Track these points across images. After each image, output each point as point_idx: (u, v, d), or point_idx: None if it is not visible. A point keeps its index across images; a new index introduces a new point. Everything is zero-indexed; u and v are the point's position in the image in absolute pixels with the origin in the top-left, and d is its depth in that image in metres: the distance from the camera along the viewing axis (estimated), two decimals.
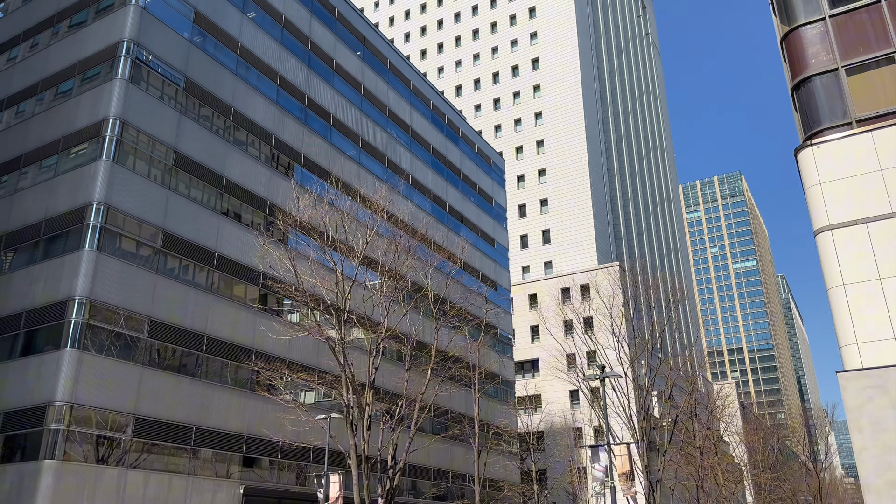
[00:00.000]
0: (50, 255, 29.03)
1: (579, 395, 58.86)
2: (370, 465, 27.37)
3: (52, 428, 25.44)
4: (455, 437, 45.18)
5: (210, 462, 30.81)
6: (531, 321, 69.62)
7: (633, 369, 36.92)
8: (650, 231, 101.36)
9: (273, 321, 34.31)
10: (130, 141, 30.08)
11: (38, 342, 27.92)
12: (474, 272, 53.55)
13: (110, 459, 26.83)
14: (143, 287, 29.16)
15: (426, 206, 50.09)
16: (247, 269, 33.99)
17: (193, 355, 30.95)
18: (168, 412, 29.07)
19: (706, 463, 40.40)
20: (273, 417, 32.39)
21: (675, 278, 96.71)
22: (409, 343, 30.19)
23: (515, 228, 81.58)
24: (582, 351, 40.10)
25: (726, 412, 51.17)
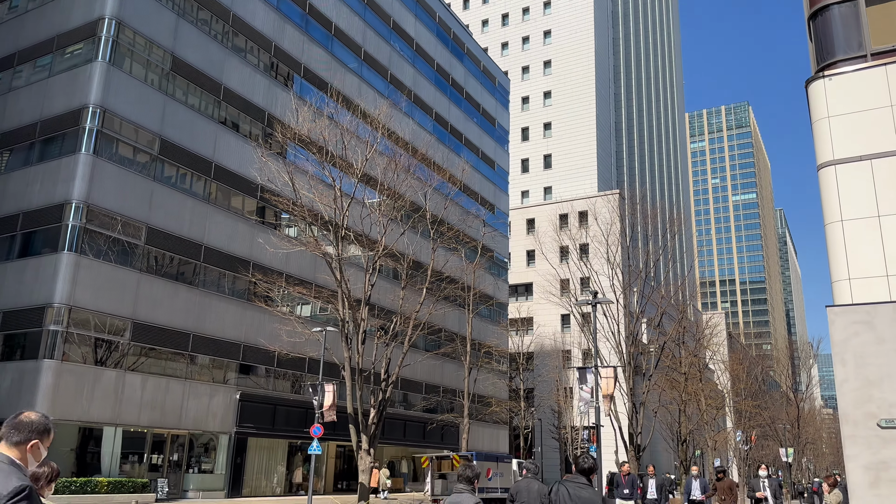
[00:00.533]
0: (46, 157, 28.75)
1: (570, 319, 59.82)
2: (364, 378, 28.08)
3: (51, 329, 25.89)
4: (447, 355, 46.19)
5: (207, 368, 31.55)
6: (528, 245, 69.95)
7: (625, 296, 37.36)
8: (653, 159, 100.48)
9: (271, 234, 34.38)
10: (127, 42, 29.26)
11: (35, 244, 28.03)
12: (473, 194, 53.35)
13: (108, 362, 27.45)
14: (140, 194, 29.05)
15: (428, 124, 49.34)
16: (245, 180, 33.77)
17: (191, 264, 31.17)
18: (166, 318, 29.54)
19: (690, 388, 41.47)
20: (269, 328, 32.96)
21: (675, 208, 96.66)
22: (406, 262, 30.39)
23: (517, 152, 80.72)
24: (576, 276, 40.41)
25: (714, 341, 52.15)
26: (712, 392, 51.32)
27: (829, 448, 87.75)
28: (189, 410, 30.16)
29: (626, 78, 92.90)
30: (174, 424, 29.62)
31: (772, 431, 62.79)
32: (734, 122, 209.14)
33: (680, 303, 44.79)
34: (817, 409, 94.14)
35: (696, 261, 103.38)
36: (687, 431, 42.58)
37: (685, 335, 43.52)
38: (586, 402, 23.81)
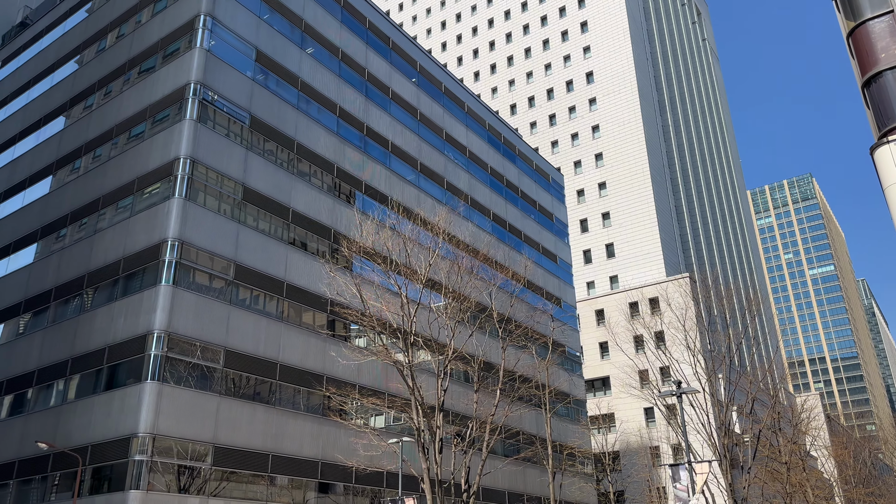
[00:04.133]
0: (129, 292, 30.28)
1: (654, 412, 57.22)
2: (444, 489, 27.23)
3: (136, 459, 26.33)
4: (528, 459, 44.52)
5: (287, 489, 31.25)
6: (599, 337, 68.34)
7: (710, 384, 35.69)
8: (720, 240, 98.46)
9: (342, 346, 34.75)
10: (201, 178, 31.24)
11: (120, 376, 29.05)
12: (538, 290, 53.06)
13: (192, 488, 27.54)
14: (217, 318, 30.05)
15: (486, 225, 50.09)
16: (315, 296, 34.62)
17: (267, 383, 31.61)
18: (245, 440, 29.70)
19: (793, 479, 38.52)
20: (346, 442, 32.67)
21: (750, 288, 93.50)
22: (477, 364, 30.06)
23: (578, 244, 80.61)
24: (655, 366, 39.06)
25: (812, 425, 48.81)
26: (818, 481, 47.48)
27: None
28: None
29: (681, 161, 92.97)
30: None
31: None
32: (799, 195, 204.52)
33: (770, 387, 42.42)
34: None
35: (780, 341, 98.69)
36: None
37: (780, 421, 40.90)
38: (682, 502, 22.35)
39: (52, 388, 31.79)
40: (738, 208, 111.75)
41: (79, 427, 29.06)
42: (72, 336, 31.76)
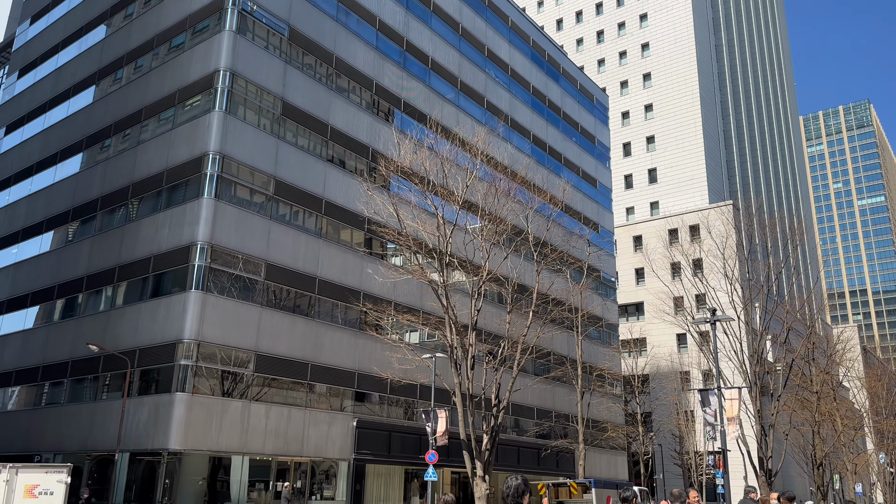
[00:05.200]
0: (172, 203, 30.93)
1: (687, 338, 57.41)
2: (475, 403, 28.07)
3: (182, 364, 27.60)
4: (557, 379, 45.43)
5: (325, 396, 32.60)
6: (635, 263, 68.04)
7: (746, 312, 35.50)
8: (767, 167, 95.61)
9: (379, 265, 35.30)
10: (240, 91, 31.19)
11: (165, 284, 30.10)
12: (576, 214, 52.62)
13: (235, 393, 28.91)
14: (258, 232, 30.67)
15: (526, 147, 49.33)
16: (352, 214, 34.96)
17: (306, 296, 32.46)
18: (285, 349, 30.84)
19: (823, 408, 38.68)
20: (381, 356, 33.69)
21: (795, 217, 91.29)
22: (511, 286, 30.29)
23: (619, 168, 79.11)
24: (690, 293, 38.94)
25: (847, 357, 48.46)
26: (848, 412, 47.59)
27: None
28: (310, 438, 31.18)
29: (733, 84, 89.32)
30: (297, 452, 30.69)
31: None
32: (854, 123, 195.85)
33: (807, 317, 42.03)
34: None
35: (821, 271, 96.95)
36: (822, 455, 39.64)
37: (815, 352, 40.72)
38: (711, 426, 22.69)
39: (101, 293, 33.16)
40: (788, 134, 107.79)
41: (127, 332, 30.45)
42: (118, 245, 32.81)
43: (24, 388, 35.80)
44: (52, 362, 34.17)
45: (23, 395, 35.89)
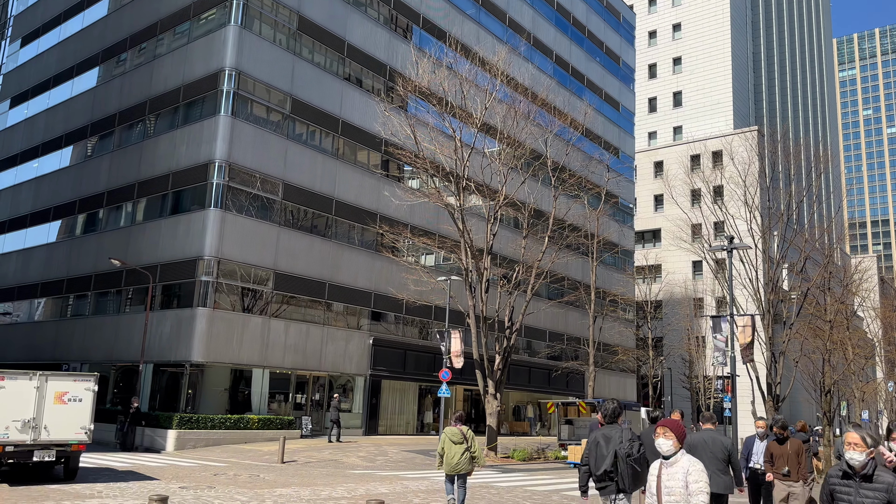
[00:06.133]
0: (190, 120, 30.82)
1: (703, 265, 57.42)
2: (488, 325, 28.55)
3: (203, 279, 28.19)
4: (571, 303, 45.90)
5: (342, 315, 33.32)
6: (655, 190, 67.34)
7: (764, 240, 35.27)
8: (796, 92, 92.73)
9: (395, 187, 35.26)
10: (256, 4, 30.46)
11: (184, 202, 30.38)
12: (597, 139, 51.77)
13: (255, 309, 29.60)
14: (275, 151, 30.61)
15: (548, 68, 48.09)
16: (369, 135, 34.67)
17: (323, 217, 32.68)
18: (303, 268, 31.33)
19: (835, 337, 38.85)
20: (397, 277, 34.14)
21: (821, 144, 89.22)
22: (527, 211, 30.20)
23: (644, 90, 77.13)
24: (709, 221, 38.57)
25: (863, 286, 48.26)
26: (861, 341, 47.84)
27: None
28: (328, 354, 32.09)
29: (765, 3, 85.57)
30: (315, 367, 31.67)
31: None
32: (890, 46, 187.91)
33: (826, 246, 41.69)
34: None
35: (844, 200, 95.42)
36: (831, 382, 40.15)
37: (831, 281, 40.60)
38: (721, 352, 23.00)
39: (122, 209, 33.57)
40: (820, 58, 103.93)
41: (148, 247, 30.99)
42: (137, 161, 32.96)
43: (50, 300, 36.87)
44: (76, 275, 35.03)
45: (48, 306, 36.99)
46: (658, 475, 5.02)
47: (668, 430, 5.05)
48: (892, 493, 4.68)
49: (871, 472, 4.79)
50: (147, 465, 18.84)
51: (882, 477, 4.75)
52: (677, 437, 5.03)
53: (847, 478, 4.89)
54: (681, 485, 4.87)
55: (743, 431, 53.72)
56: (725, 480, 8.73)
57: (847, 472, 4.90)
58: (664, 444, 5.03)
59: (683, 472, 4.90)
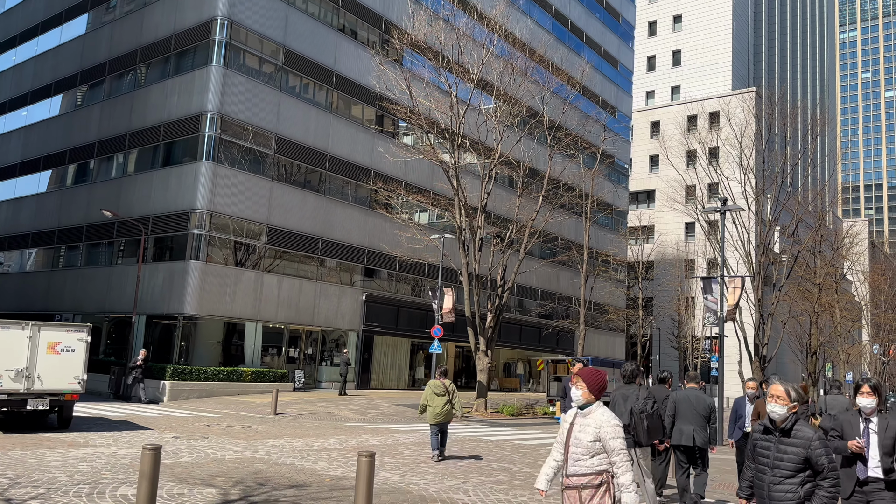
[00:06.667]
0: (181, 70, 30.28)
1: (695, 227, 57.58)
2: (481, 283, 28.67)
3: (195, 233, 28.09)
4: (563, 262, 46.08)
5: (335, 270, 33.38)
6: (651, 150, 67.05)
7: (757, 203, 35.33)
8: (795, 53, 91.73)
9: (390, 143, 34.96)
10: None
11: (176, 154, 30.06)
12: (594, 97, 51.25)
13: (247, 263, 29.59)
14: (268, 104, 30.20)
15: (546, 23, 47.29)
16: (364, 89, 34.20)
17: (317, 172, 32.44)
18: (296, 223, 31.23)
19: (823, 300, 39.33)
20: (390, 234, 34.11)
21: (818, 107, 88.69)
22: (522, 170, 30.05)
23: (643, 48, 76.12)
24: (703, 182, 38.56)
25: (853, 250, 48.67)
26: (848, 304, 48.42)
27: None
28: (321, 309, 32.24)
29: None
30: (308, 321, 31.84)
31: None
32: (892, 8, 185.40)
33: (818, 210, 41.83)
34: None
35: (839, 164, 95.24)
36: (818, 344, 40.75)
37: (822, 244, 40.89)
38: (712, 313, 23.23)
39: (113, 160, 33.21)
40: (822, 18, 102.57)
41: (140, 199, 30.77)
42: (128, 111, 32.48)
43: (41, 251, 36.74)
44: (67, 226, 34.84)
45: (40, 256, 36.87)
46: (571, 424, 4.72)
47: (581, 379, 4.72)
48: (812, 448, 4.44)
49: (790, 427, 4.57)
50: (141, 416, 19.05)
51: (802, 432, 4.51)
52: (589, 387, 4.67)
53: (768, 433, 4.68)
54: (590, 438, 4.55)
55: (729, 391, 54.65)
56: (705, 436, 9.32)
57: (768, 427, 4.69)
58: (575, 394, 4.71)
59: (596, 425, 4.57)
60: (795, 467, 4.47)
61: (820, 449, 4.43)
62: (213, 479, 9.80)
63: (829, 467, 4.41)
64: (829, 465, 4.42)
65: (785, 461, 4.51)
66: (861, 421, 5.87)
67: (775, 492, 4.51)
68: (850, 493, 5.82)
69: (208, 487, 9.13)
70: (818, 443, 4.45)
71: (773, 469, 4.55)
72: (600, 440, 4.55)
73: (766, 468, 4.60)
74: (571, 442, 4.66)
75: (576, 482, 4.58)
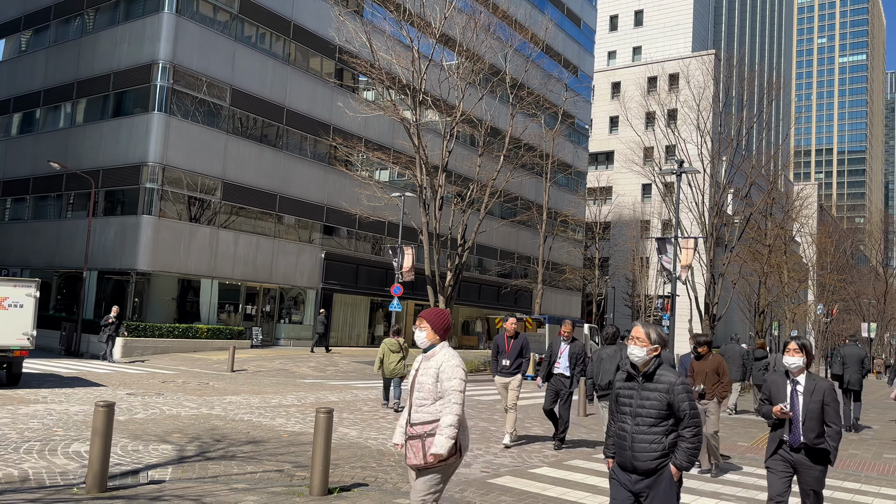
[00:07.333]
0: (131, 16, 29.06)
1: (652, 189, 58.38)
2: (441, 242, 28.70)
3: (147, 186, 27.35)
4: (523, 223, 46.38)
5: (294, 228, 32.98)
6: (611, 111, 67.32)
7: (713, 165, 35.91)
8: (755, 16, 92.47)
9: (349, 98, 34.33)
10: None
11: (126, 104, 29.03)
12: (556, 56, 50.99)
13: (202, 219, 29.01)
14: (223, 54, 29.27)
15: None
16: (322, 41, 33.37)
17: (274, 126, 31.75)
18: (252, 179, 30.64)
19: (772, 261, 40.49)
20: (350, 192, 33.76)
21: (775, 71, 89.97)
22: (484, 128, 29.89)
23: (606, 7, 75.77)
24: (661, 144, 38.97)
25: (803, 213, 50.05)
26: (796, 265, 49.99)
27: None
28: (279, 266, 31.92)
29: None
30: (265, 279, 31.53)
31: (855, 306, 61.36)
32: None
33: (771, 173, 42.76)
34: None
35: (792, 128, 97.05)
36: (766, 303, 42.08)
37: (773, 207, 41.90)
38: (667, 272, 23.74)
39: (60, 109, 31.92)
40: None
41: (89, 150, 29.75)
42: (76, 58, 31.14)
43: None
44: (13, 178, 33.55)
45: None
46: (416, 369, 4.41)
47: (424, 320, 4.41)
48: (674, 393, 4.09)
49: (652, 371, 4.20)
50: (94, 372, 18.74)
51: (665, 376, 4.16)
52: (433, 327, 4.38)
53: (630, 379, 4.30)
54: (431, 380, 4.23)
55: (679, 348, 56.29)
56: None
57: (631, 373, 4.31)
58: (419, 337, 4.40)
59: (436, 366, 4.26)
60: (658, 414, 4.11)
61: (682, 394, 4.09)
62: (168, 435, 9.75)
63: (690, 414, 4.07)
64: (691, 411, 4.08)
65: (647, 408, 4.14)
66: (788, 382, 5.43)
67: (638, 443, 4.13)
68: (772, 452, 5.45)
69: (164, 444, 9.08)
70: (681, 387, 4.10)
71: (635, 418, 4.18)
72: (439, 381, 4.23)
73: (629, 417, 4.21)
74: (415, 388, 4.33)
75: (419, 430, 4.22)
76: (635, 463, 4.14)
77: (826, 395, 5.28)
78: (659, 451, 4.10)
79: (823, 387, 5.32)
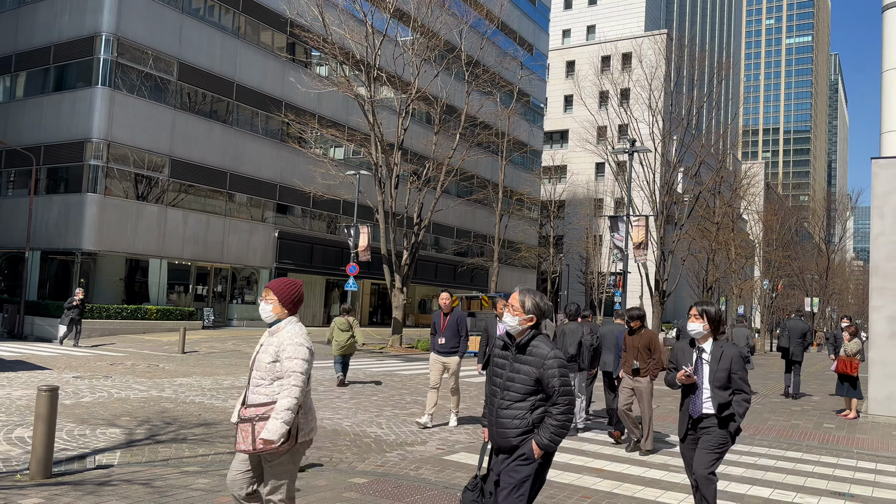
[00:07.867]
0: None
1: (605, 167, 59.11)
2: (397, 221, 28.57)
3: (92, 164, 26.45)
4: (479, 201, 46.49)
5: (246, 206, 32.36)
6: (566, 90, 67.67)
7: (664, 144, 36.48)
8: None
9: (302, 73, 33.69)
10: None
11: (68, 78, 27.93)
12: (511, 34, 50.88)
13: (150, 197, 28.24)
14: (169, 26, 28.35)
15: None
16: (273, 13, 32.61)
17: (224, 102, 30.98)
18: (202, 156, 29.90)
19: (720, 238, 41.49)
20: (304, 169, 33.26)
21: (724, 51, 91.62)
22: (439, 106, 29.71)
23: None
24: (614, 123, 39.41)
25: (750, 191, 51.33)
26: (743, 242, 51.37)
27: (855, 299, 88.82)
28: (230, 246, 31.35)
29: None
30: (216, 259, 30.94)
31: (799, 281, 63.47)
32: None
33: (720, 152, 43.68)
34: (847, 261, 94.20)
35: (741, 108, 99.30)
36: (713, 279, 43.19)
37: (722, 185, 42.85)
38: (619, 249, 24.12)
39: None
40: None
41: (29, 126, 28.59)
42: (13, 29, 29.76)
43: None
44: None
45: None
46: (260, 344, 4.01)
47: (271, 291, 4.00)
48: (545, 367, 3.70)
49: (525, 342, 3.82)
50: (38, 355, 18.18)
51: (539, 349, 3.77)
52: (281, 299, 3.97)
53: (506, 348, 3.93)
54: (269, 359, 3.83)
55: None
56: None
57: (506, 342, 3.93)
58: (264, 309, 3.99)
59: (277, 343, 3.87)
60: (526, 389, 3.75)
61: (553, 369, 3.70)
62: (117, 418, 9.52)
63: (560, 391, 3.69)
64: (562, 388, 3.70)
65: (516, 381, 3.78)
66: (694, 350, 5.11)
67: (502, 417, 3.78)
68: (683, 434, 5.11)
69: (112, 427, 8.87)
70: (553, 361, 3.71)
71: (503, 391, 3.82)
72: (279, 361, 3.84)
73: (498, 389, 3.87)
74: (254, 366, 3.92)
75: (251, 413, 3.81)
76: (498, 440, 3.81)
77: (733, 363, 4.95)
78: (522, 428, 3.74)
79: (730, 353, 4.98)
